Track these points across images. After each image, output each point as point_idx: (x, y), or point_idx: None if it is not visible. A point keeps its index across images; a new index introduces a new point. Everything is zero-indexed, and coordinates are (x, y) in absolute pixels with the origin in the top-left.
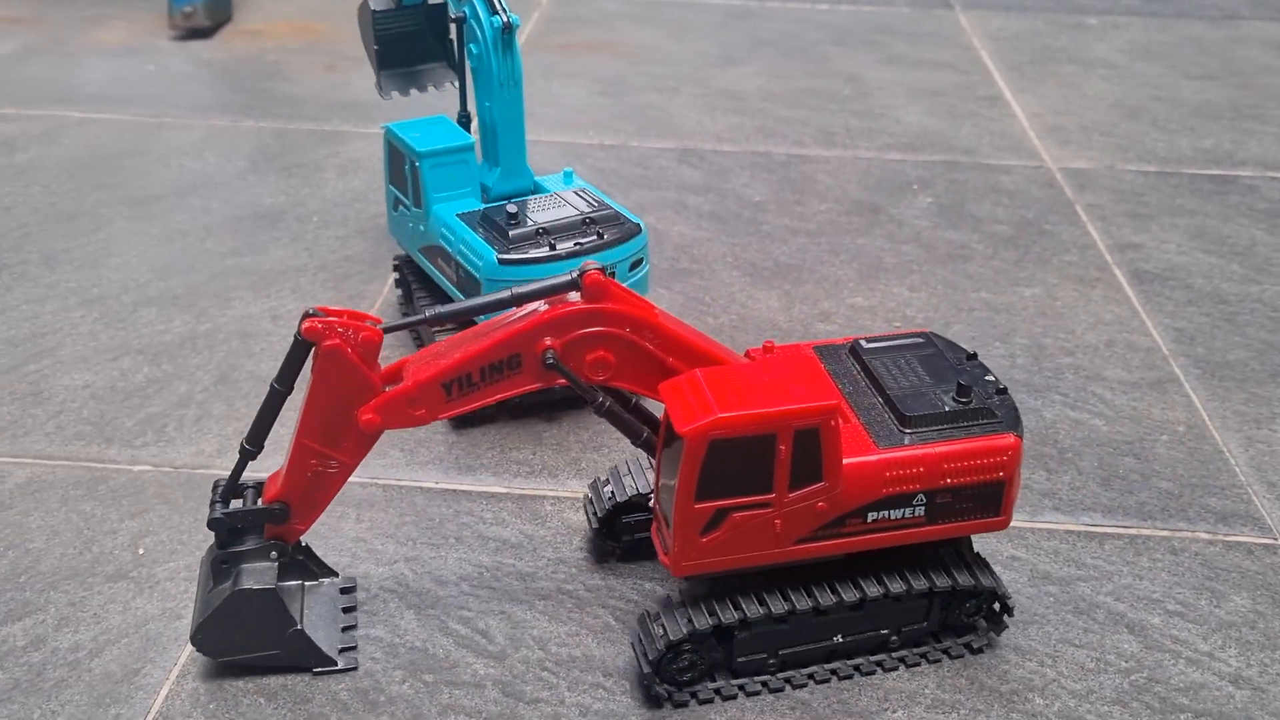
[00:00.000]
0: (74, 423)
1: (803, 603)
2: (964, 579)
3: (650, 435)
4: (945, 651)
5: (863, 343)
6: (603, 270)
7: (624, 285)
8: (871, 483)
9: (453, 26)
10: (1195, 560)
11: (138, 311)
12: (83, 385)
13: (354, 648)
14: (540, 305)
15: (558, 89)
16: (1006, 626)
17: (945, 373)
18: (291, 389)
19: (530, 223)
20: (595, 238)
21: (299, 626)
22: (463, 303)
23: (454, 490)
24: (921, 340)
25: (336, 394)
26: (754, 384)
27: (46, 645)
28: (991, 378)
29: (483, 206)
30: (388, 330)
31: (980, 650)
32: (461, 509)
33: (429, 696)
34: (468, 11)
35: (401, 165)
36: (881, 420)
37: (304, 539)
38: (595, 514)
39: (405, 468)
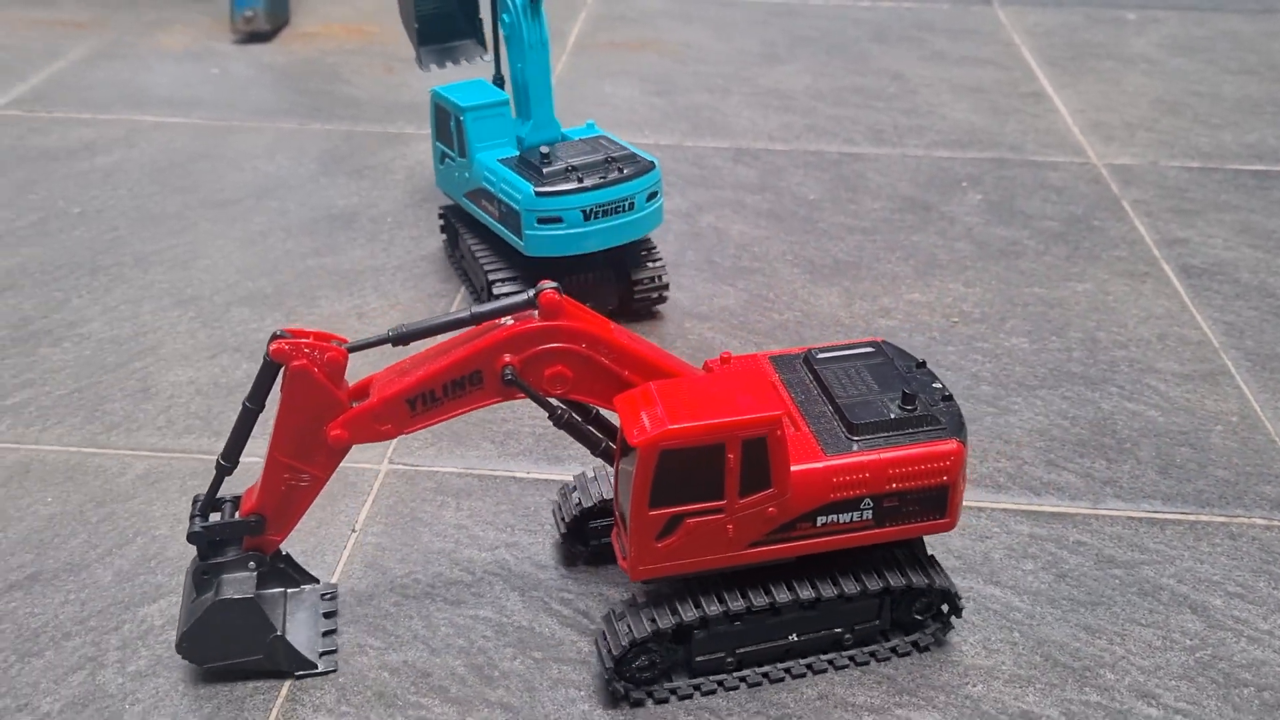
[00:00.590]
0: (182, 417)
1: (760, 600)
2: (915, 578)
3: (608, 445)
4: (894, 650)
5: (815, 352)
6: (558, 290)
7: (578, 303)
8: (819, 488)
9: (485, 2)
10: (1253, 545)
11: (230, 310)
12: (187, 381)
13: (334, 650)
14: (501, 322)
15: (609, 89)
16: (953, 627)
17: (893, 381)
18: (263, 407)
19: (561, 162)
20: (616, 173)
21: (278, 633)
22: (425, 321)
23: (545, 480)
24: (872, 350)
25: (305, 412)
26: (704, 396)
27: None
28: (939, 385)
29: (518, 153)
30: (352, 350)
31: (928, 648)
32: (553, 497)
33: (539, 671)
34: None
35: (447, 122)
36: (830, 428)
37: (283, 547)
38: (563, 519)
39: (498, 459)
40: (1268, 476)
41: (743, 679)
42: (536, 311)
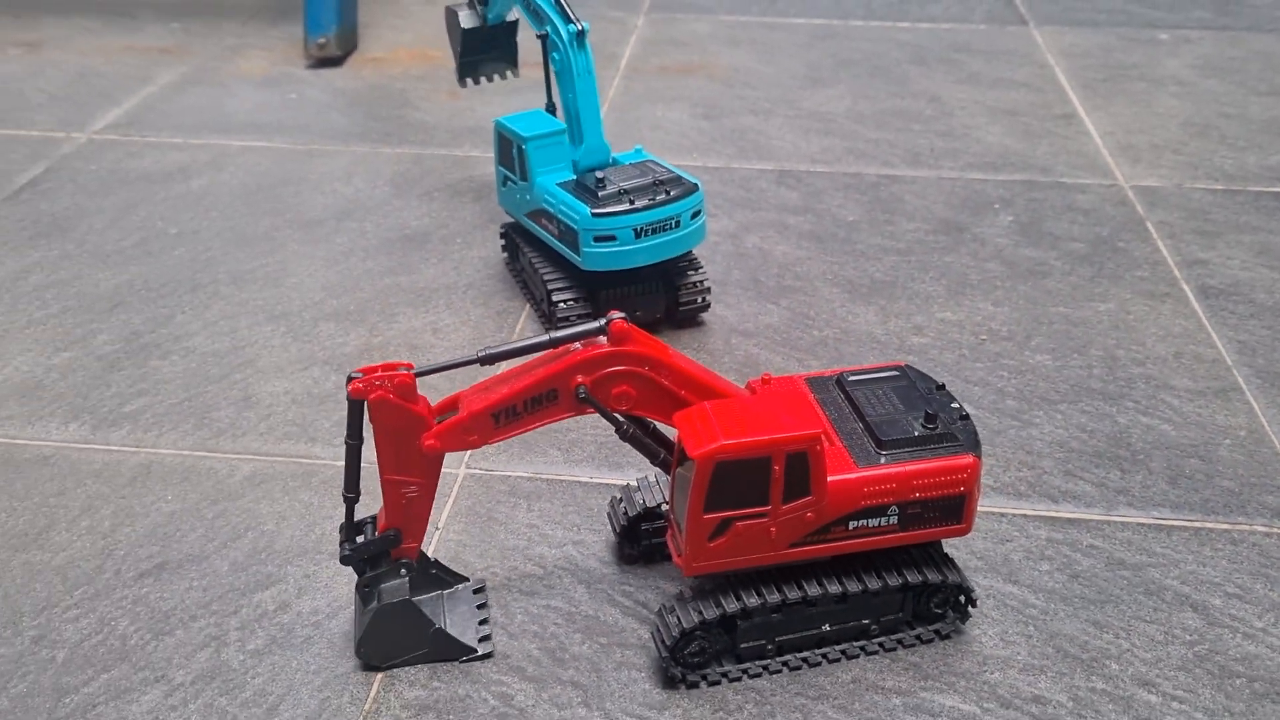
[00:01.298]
0: (281, 424)
1: (794, 595)
2: (932, 575)
3: (666, 456)
4: (918, 638)
5: (846, 375)
6: (625, 319)
7: (643, 330)
8: (852, 496)
9: (530, 41)
10: (1253, 550)
11: (318, 326)
12: (283, 392)
13: (489, 636)
14: (574, 347)
15: (661, 113)
16: (970, 616)
17: (916, 402)
18: (361, 439)
19: (614, 186)
20: (664, 194)
21: (437, 626)
22: (508, 344)
23: (606, 484)
24: (897, 373)
25: (395, 432)
26: (753, 415)
27: (291, 609)
28: (956, 405)
29: (574, 177)
30: (420, 374)
31: (948, 636)
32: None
33: (604, 655)
34: (549, 29)
35: (510, 149)
36: (861, 443)
37: (432, 554)
38: (619, 524)
39: (564, 465)
40: (1270, 487)
41: (784, 663)
42: (605, 337)
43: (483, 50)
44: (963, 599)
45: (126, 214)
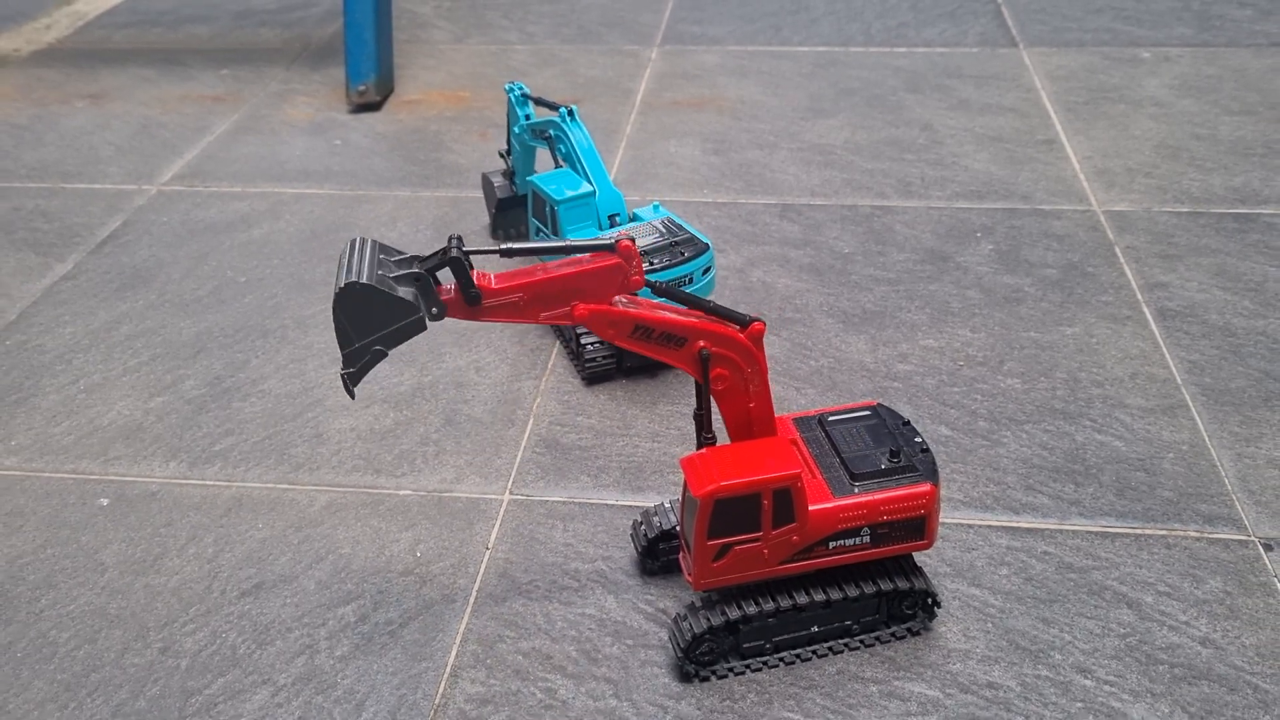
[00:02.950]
0: (350, 459)
1: (786, 603)
2: (902, 583)
3: (707, 437)
4: (893, 635)
5: (827, 416)
6: (764, 326)
7: (764, 351)
8: (830, 522)
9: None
10: (1184, 554)
11: (376, 367)
12: (349, 429)
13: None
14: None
15: (674, 148)
16: (936, 615)
17: (884, 438)
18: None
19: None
20: (680, 256)
21: (384, 350)
22: (689, 295)
23: (630, 505)
24: (869, 413)
25: (585, 290)
26: (744, 458)
27: (369, 621)
28: (920, 439)
29: (599, 233)
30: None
31: (918, 633)
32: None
33: (631, 655)
34: (553, 132)
35: (543, 207)
36: (838, 475)
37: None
38: (640, 543)
39: (593, 489)
40: (1204, 496)
41: (780, 659)
42: (742, 329)
43: (511, 209)
44: (929, 601)
45: (199, 264)
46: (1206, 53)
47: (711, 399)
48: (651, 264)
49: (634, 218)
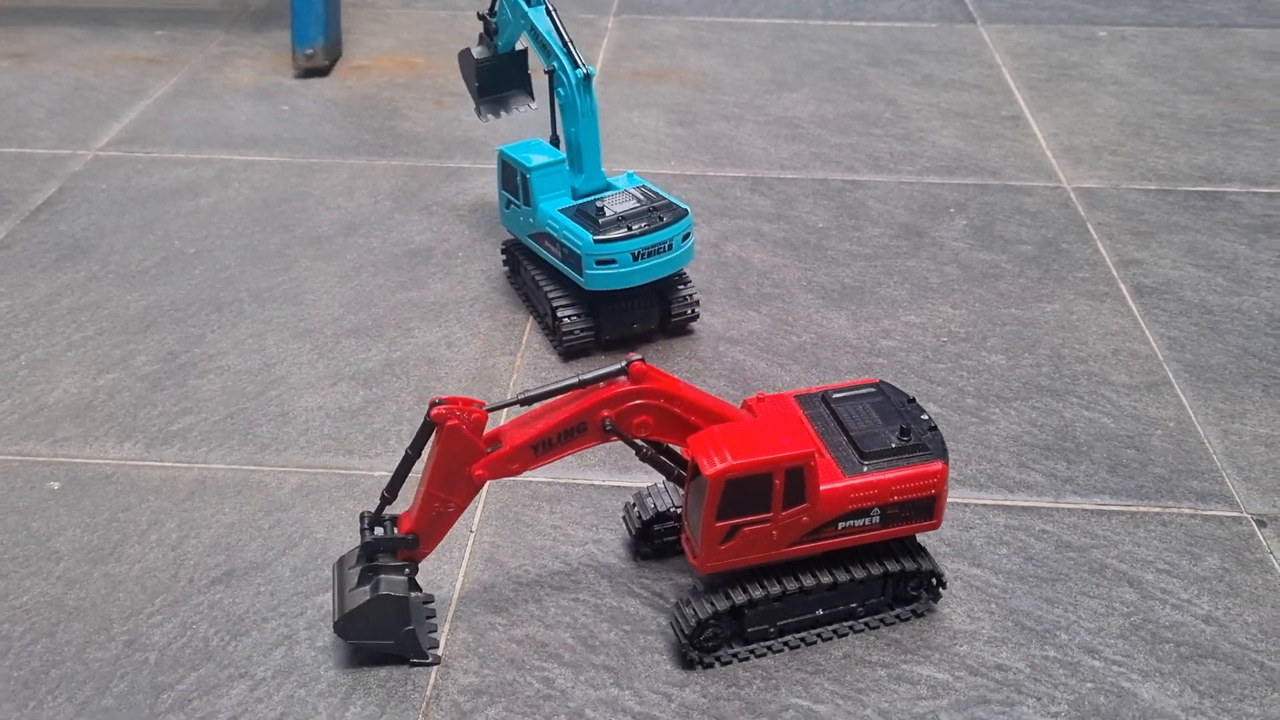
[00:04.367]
0: (319, 438)
1: (793, 586)
2: (908, 564)
3: (679, 472)
4: (898, 617)
5: (831, 393)
6: (643, 360)
7: (658, 369)
8: (840, 502)
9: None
10: (1180, 531)
11: (341, 342)
12: (316, 407)
13: (436, 647)
14: (599, 385)
15: (638, 119)
16: (941, 597)
17: (892, 416)
18: (418, 454)
19: (612, 213)
20: (658, 221)
21: (411, 627)
22: (544, 386)
23: (618, 486)
24: (874, 389)
25: (455, 459)
26: (756, 436)
27: None
28: (926, 417)
29: (574, 203)
30: (490, 410)
31: (923, 615)
32: (625, 505)
33: (630, 641)
34: (556, 65)
35: (513, 176)
36: (847, 455)
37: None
38: (634, 526)
39: (579, 469)
40: (1195, 473)
41: (785, 644)
42: (626, 377)
43: (497, 84)
44: (934, 582)
45: (144, 233)
46: (1160, 32)
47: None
48: (630, 230)
49: (608, 187)
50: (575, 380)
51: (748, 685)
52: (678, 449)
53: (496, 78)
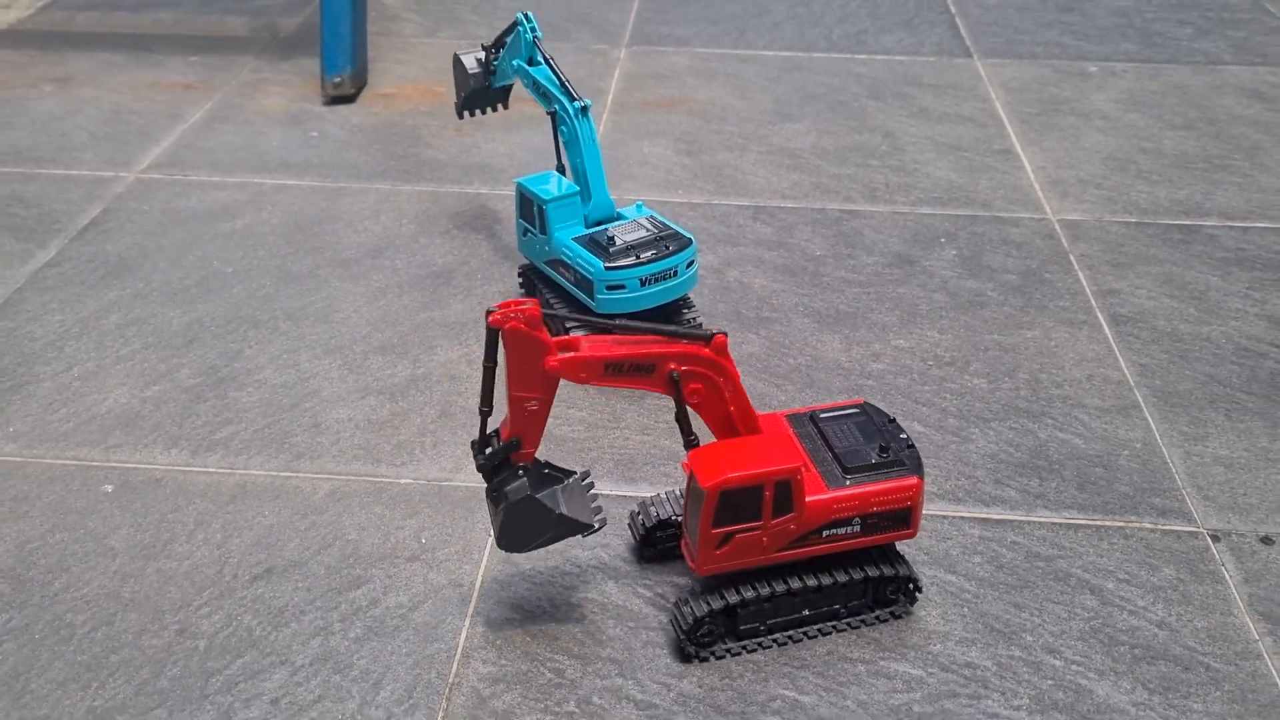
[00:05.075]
0: (350, 448)
1: (781, 587)
2: (887, 569)
3: (691, 439)
4: (877, 618)
5: (819, 413)
6: (726, 338)
7: (731, 359)
8: (824, 512)
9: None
10: (1140, 544)
11: (369, 359)
12: (347, 419)
13: (600, 509)
14: (681, 340)
15: (647, 149)
16: (917, 600)
17: (873, 434)
18: (495, 362)
19: (622, 242)
20: (665, 249)
21: (558, 512)
22: (636, 323)
23: (625, 495)
24: (858, 410)
25: (524, 358)
26: (748, 452)
27: (381, 604)
28: (905, 436)
29: (586, 232)
30: (549, 316)
31: (901, 617)
32: (630, 513)
33: (634, 636)
34: (558, 108)
35: (530, 207)
36: (831, 469)
37: (541, 456)
38: (638, 532)
39: None
40: (1157, 491)
41: (774, 640)
42: (707, 345)
43: (481, 101)
44: (911, 587)
45: (185, 253)
46: (1149, 69)
47: (691, 409)
48: (638, 258)
49: (618, 217)
50: (668, 329)
51: (740, 677)
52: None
53: (482, 97)
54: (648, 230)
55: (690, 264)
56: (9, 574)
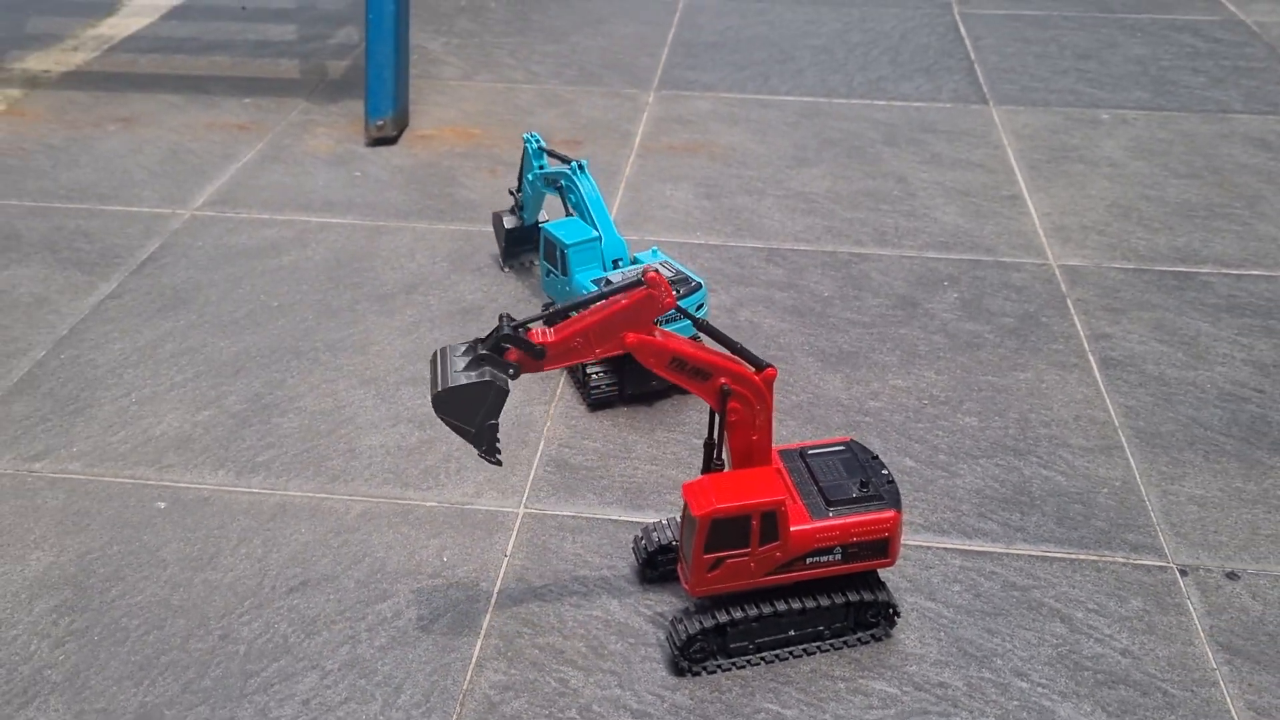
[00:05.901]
0: (380, 472)
1: (768, 609)
2: (868, 595)
3: (717, 461)
4: (859, 639)
5: (808, 449)
6: (776, 372)
7: (774, 394)
8: (808, 541)
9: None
10: (1111, 576)
11: (400, 389)
12: (379, 445)
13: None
14: (739, 361)
15: (669, 192)
16: (896, 624)
17: (856, 470)
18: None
19: None
20: (677, 293)
21: (494, 422)
22: (722, 332)
23: (632, 521)
24: (844, 448)
25: (630, 319)
26: (738, 484)
27: (404, 616)
28: (886, 471)
29: (605, 274)
30: (679, 310)
31: (880, 640)
32: (634, 537)
33: (633, 651)
34: (564, 183)
35: (554, 250)
36: (816, 501)
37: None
38: (641, 556)
39: (599, 506)
40: (1132, 527)
41: (761, 658)
42: (758, 370)
43: (521, 242)
44: (890, 612)
45: (235, 287)
46: (1160, 116)
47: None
48: None
49: (634, 261)
50: (736, 344)
51: (728, 691)
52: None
53: (520, 244)
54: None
55: (700, 307)
56: (72, 581)
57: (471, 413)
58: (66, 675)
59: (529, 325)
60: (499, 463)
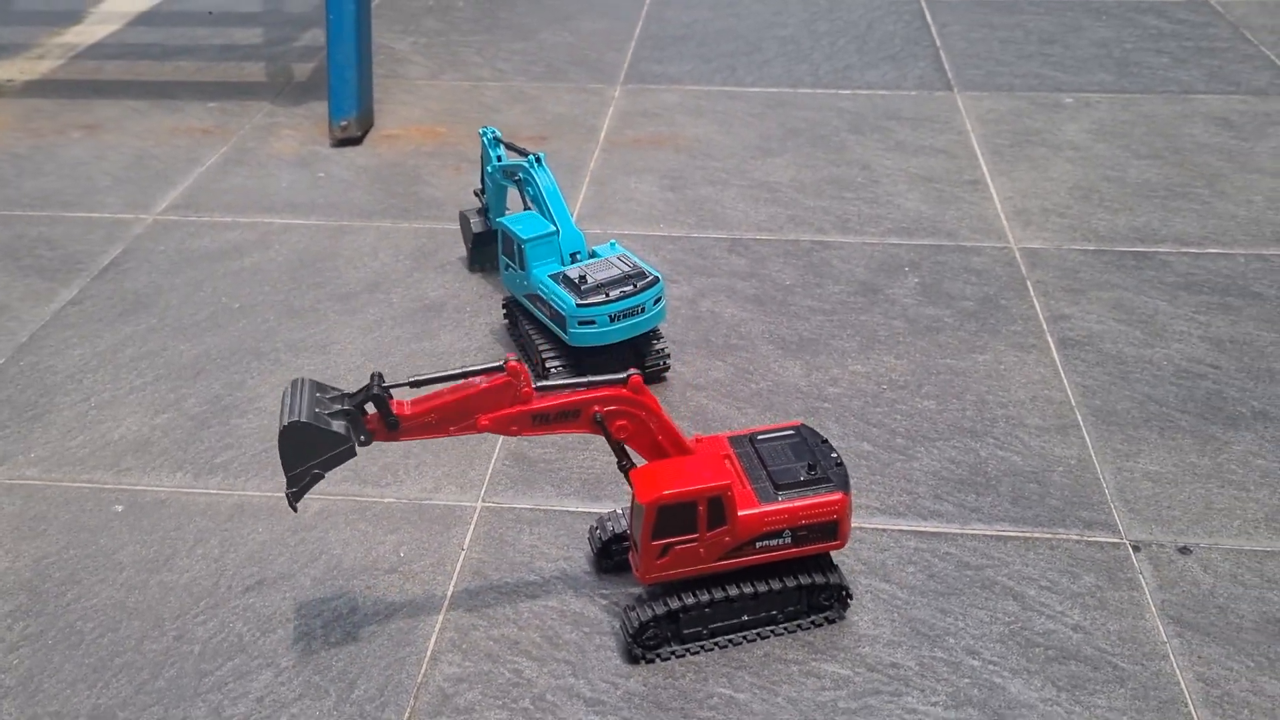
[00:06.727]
0: (339, 470)
1: (720, 594)
2: (819, 578)
3: (625, 464)
4: (812, 622)
5: (757, 435)
6: (642, 377)
7: (648, 389)
8: (756, 525)
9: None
10: (1064, 554)
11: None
12: None
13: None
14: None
15: (634, 184)
16: (849, 606)
17: (805, 454)
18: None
19: (593, 280)
20: (632, 287)
21: (322, 475)
22: (560, 380)
23: (588, 512)
24: (793, 432)
25: (486, 403)
26: (685, 470)
27: (359, 612)
28: (835, 455)
29: (561, 269)
30: (539, 389)
31: (834, 622)
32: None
33: (588, 640)
34: (522, 175)
35: (511, 244)
36: (764, 486)
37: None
38: (596, 545)
39: (556, 498)
40: (1086, 505)
41: (715, 643)
42: (625, 386)
43: (489, 244)
44: (843, 594)
45: (196, 290)
46: (1123, 99)
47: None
48: (608, 295)
49: (593, 254)
50: (585, 380)
51: (682, 677)
52: (633, 453)
53: (488, 246)
54: (619, 269)
55: (658, 300)
56: (27, 586)
57: (310, 456)
58: (20, 679)
59: (391, 394)
60: (295, 509)
